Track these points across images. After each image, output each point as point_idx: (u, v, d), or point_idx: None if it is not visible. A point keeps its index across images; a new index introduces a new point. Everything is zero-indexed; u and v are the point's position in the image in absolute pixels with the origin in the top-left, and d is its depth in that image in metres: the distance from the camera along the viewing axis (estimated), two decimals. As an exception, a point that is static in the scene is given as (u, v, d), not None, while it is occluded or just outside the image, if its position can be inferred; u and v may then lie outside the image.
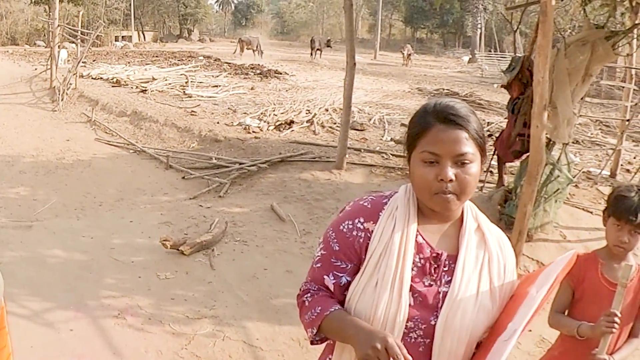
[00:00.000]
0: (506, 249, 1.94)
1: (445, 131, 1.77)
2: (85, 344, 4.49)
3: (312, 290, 1.93)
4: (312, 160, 9.84)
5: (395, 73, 30.31)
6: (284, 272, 5.96)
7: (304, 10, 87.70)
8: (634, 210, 2.63)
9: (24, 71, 20.65)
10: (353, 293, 1.85)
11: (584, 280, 2.80)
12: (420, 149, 1.79)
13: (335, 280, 1.88)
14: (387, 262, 1.79)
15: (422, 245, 1.83)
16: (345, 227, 1.88)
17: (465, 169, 1.76)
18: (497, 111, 16.60)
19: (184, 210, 7.57)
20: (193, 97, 16.47)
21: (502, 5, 36.38)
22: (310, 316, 1.86)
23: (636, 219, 2.63)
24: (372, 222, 1.86)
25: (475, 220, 1.92)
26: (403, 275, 1.78)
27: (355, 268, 1.88)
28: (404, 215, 1.84)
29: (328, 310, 1.82)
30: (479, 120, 1.84)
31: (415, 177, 1.81)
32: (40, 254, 6.01)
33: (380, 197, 1.94)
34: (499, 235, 1.96)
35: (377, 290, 1.79)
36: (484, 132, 1.87)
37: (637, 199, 2.65)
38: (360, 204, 1.92)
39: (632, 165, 10.35)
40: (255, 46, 33.90)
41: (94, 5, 48.87)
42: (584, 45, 6.29)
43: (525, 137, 7.03)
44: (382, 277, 1.78)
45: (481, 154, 1.82)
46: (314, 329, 1.85)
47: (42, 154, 11.35)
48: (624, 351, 2.74)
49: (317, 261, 1.94)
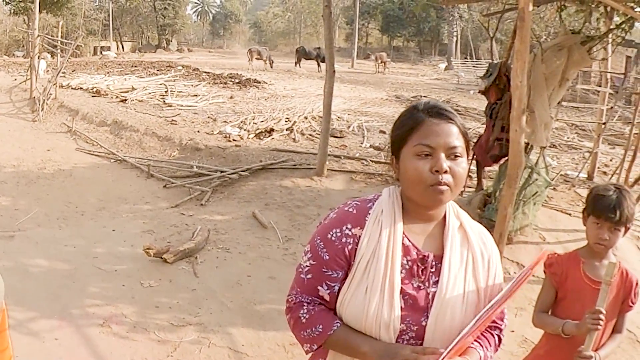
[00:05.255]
0: (489, 243, 1.98)
1: (438, 124, 1.81)
2: (70, 353, 4.46)
3: (307, 304, 1.92)
4: (293, 168, 9.87)
5: (372, 81, 30.42)
6: (267, 278, 5.98)
7: (282, 19, 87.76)
8: (612, 207, 2.68)
9: (3, 81, 20.52)
10: (343, 299, 1.87)
11: (566, 279, 2.85)
12: (413, 143, 1.82)
13: (329, 291, 1.89)
14: (376, 266, 1.81)
15: (408, 248, 1.86)
16: (333, 235, 1.88)
17: (457, 162, 1.80)
18: (474, 117, 16.74)
19: (166, 219, 7.56)
20: (173, 106, 16.43)
21: (478, 13, 36.68)
22: (310, 334, 1.87)
23: (615, 216, 2.68)
24: (359, 227, 1.88)
25: (458, 219, 1.95)
26: (393, 278, 1.80)
27: (345, 275, 1.89)
28: (390, 218, 1.86)
29: (331, 330, 1.84)
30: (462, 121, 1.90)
31: (408, 171, 1.82)
32: (23, 263, 5.97)
33: (365, 201, 1.96)
34: (481, 230, 2.00)
35: (367, 295, 1.80)
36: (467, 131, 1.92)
37: (615, 197, 2.70)
38: (346, 210, 1.93)
39: (609, 167, 10.50)
40: (265, 56, 35.39)
41: (73, 16, 48.62)
42: (560, 50, 6.39)
43: (503, 141, 7.11)
44: (372, 281, 1.81)
45: (468, 152, 1.87)
46: (314, 345, 1.88)
47: (23, 164, 11.25)
48: (608, 347, 2.79)
49: (307, 272, 1.92)
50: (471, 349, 1.85)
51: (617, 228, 2.73)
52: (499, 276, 1.96)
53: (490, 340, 1.97)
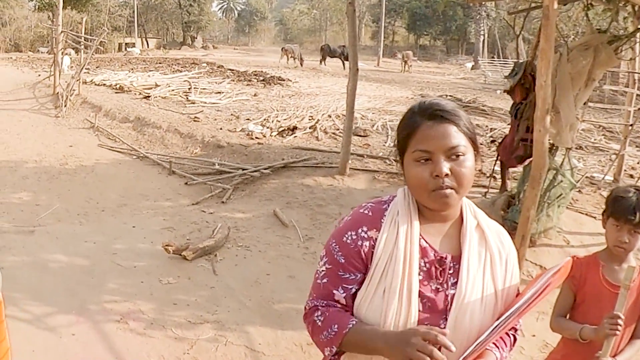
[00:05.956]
0: (507, 242, 1.94)
1: (433, 127, 1.77)
2: (87, 349, 4.47)
3: (321, 307, 1.88)
4: (315, 166, 9.84)
5: (398, 80, 30.29)
6: (287, 277, 5.95)
7: (307, 17, 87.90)
8: (632, 209, 2.63)
9: (28, 77, 20.73)
10: (361, 302, 1.83)
11: (585, 283, 2.80)
12: (411, 149, 1.79)
13: (345, 294, 1.86)
14: (394, 269, 1.78)
15: (425, 249, 1.82)
16: (349, 237, 1.85)
17: (459, 161, 1.75)
18: (500, 117, 16.58)
19: (186, 216, 7.56)
20: (196, 103, 16.48)
21: (505, 11, 36.43)
22: (327, 335, 1.82)
23: (635, 218, 2.63)
24: (375, 229, 1.84)
25: (475, 218, 1.91)
26: (411, 281, 1.77)
27: (363, 277, 1.85)
28: (406, 220, 1.83)
29: (346, 327, 1.78)
30: (466, 114, 1.85)
31: (410, 178, 1.80)
32: (43, 259, 6.00)
33: (380, 202, 1.92)
34: (498, 230, 1.96)
35: (385, 298, 1.77)
36: (473, 126, 1.86)
37: (635, 199, 2.65)
38: (361, 212, 1.90)
39: (636, 170, 10.33)
40: (297, 55, 36.50)
41: (98, 12, 49.12)
42: (587, 49, 6.27)
43: (528, 142, 7.00)
44: (390, 284, 1.77)
45: (474, 147, 1.82)
46: (333, 347, 1.82)
47: (45, 159, 11.35)
48: (627, 353, 2.73)
49: (323, 276, 1.89)
50: (487, 350, 1.81)
51: (637, 231, 2.67)
52: (515, 276, 1.92)
53: (505, 341, 1.93)
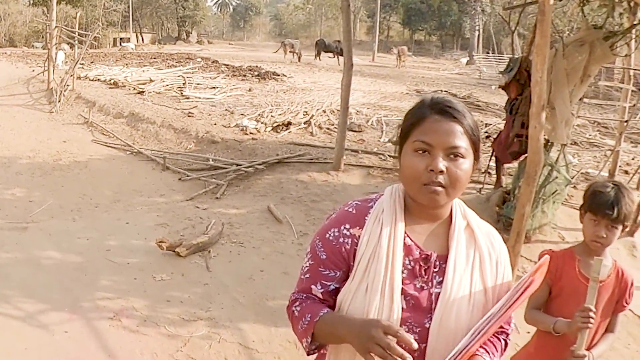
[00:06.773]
0: (497, 243, 1.91)
1: (439, 122, 1.75)
2: (80, 346, 4.45)
3: (300, 299, 1.90)
4: (309, 162, 9.80)
5: (393, 75, 30.31)
6: (281, 273, 5.93)
7: (302, 12, 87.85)
8: (610, 204, 2.63)
9: (22, 73, 20.65)
10: (343, 299, 1.82)
11: (561, 277, 2.81)
12: (413, 139, 1.76)
13: (323, 289, 1.86)
14: (376, 267, 1.76)
15: (410, 247, 1.81)
16: (331, 234, 1.86)
17: (457, 162, 1.73)
18: (495, 112, 16.59)
19: (180, 212, 7.53)
20: (190, 98, 16.45)
21: (500, 7, 36.40)
22: (302, 325, 1.83)
23: (613, 213, 2.63)
24: (358, 227, 1.84)
25: (464, 218, 1.90)
26: (394, 279, 1.75)
27: (343, 275, 1.85)
28: (391, 217, 1.82)
29: (317, 316, 1.79)
30: (475, 120, 1.82)
31: (405, 167, 1.77)
32: (36, 255, 5.97)
33: (366, 201, 1.92)
34: (489, 230, 1.93)
35: (367, 295, 1.76)
36: (479, 132, 1.84)
37: (613, 194, 2.65)
38: (345, 210, 1.90)
39: (631, 166, 10.34)
40: (297, 50, 37.08)
41: (93, 7, 48.96)
42: (582, 45, 6.27)
43: (523, 138, 7.00)
44: (372, 282, 1.76)
45: (475, 153, 1.79)
46: (308, 337, 1.82)
47: (39, 155, 11.28)
48: (600, 346, 2.76)
49: (306, 272, 1.91)
50: (477, 356, 1.78)
51: (615, 226, 2.68)
52: (507, 276, 1.90)
53: (496, 345, 1.92)
